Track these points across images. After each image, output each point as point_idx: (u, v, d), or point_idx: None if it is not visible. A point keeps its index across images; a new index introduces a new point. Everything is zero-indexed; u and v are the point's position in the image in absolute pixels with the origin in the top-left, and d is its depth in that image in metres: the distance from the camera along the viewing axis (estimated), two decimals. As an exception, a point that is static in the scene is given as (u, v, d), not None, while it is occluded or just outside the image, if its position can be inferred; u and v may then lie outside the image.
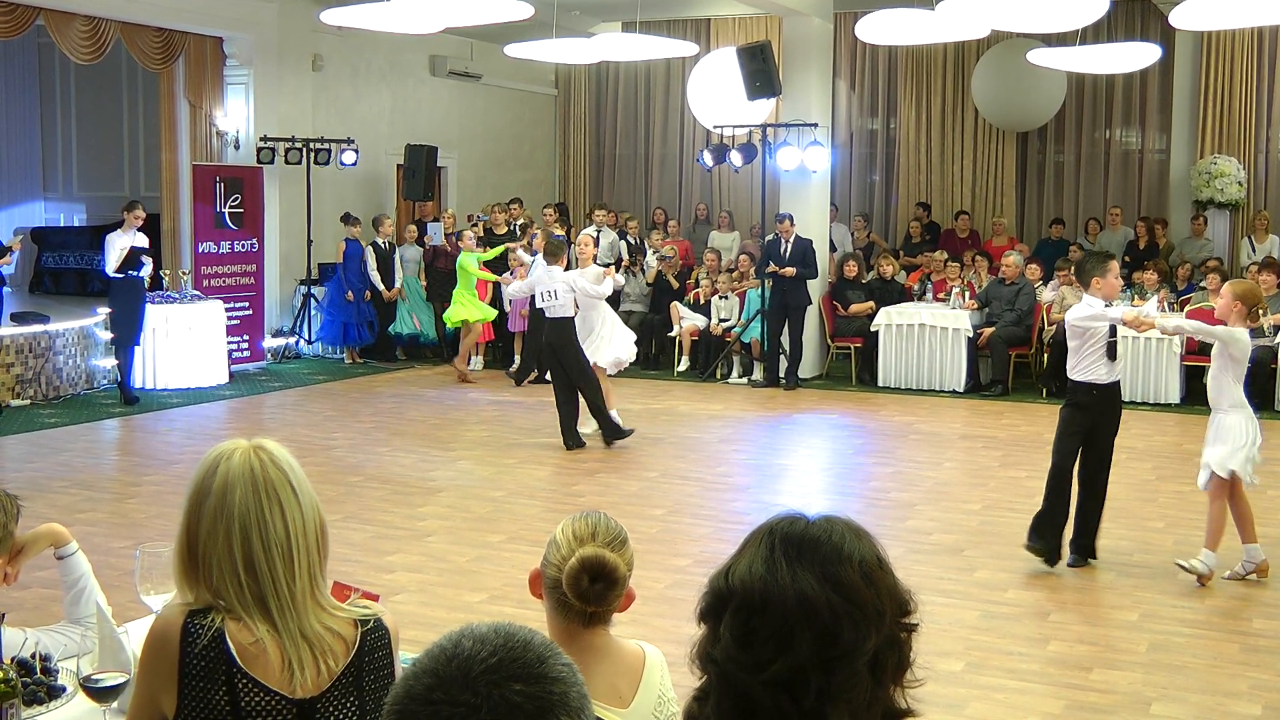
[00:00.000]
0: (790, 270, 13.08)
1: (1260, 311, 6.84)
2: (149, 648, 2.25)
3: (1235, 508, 6.75)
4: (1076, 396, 6.94)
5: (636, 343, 11.12)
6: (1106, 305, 6.92)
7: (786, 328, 13.41)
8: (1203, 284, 13.03)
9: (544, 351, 10.43)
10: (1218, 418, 6.73)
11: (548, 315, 10.16)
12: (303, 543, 2.28)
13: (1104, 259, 7.06)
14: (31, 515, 3.29)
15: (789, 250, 13.22)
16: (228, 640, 2.20)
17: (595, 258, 11.22)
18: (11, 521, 3.00)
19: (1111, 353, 6.89)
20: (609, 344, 10.52)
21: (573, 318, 10.16)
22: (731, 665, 1.57)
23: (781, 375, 13.45)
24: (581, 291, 10.18)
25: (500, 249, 14.21)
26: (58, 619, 3.16)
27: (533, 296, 11.17)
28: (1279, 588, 6.64)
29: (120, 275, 11.82)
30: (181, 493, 2.29)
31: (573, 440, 10.11)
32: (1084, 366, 6.88)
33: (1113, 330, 6.90)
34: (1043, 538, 6.93)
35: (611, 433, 10.18)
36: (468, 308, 13.44)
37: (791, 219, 13.43)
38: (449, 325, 13.91)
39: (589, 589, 2.45)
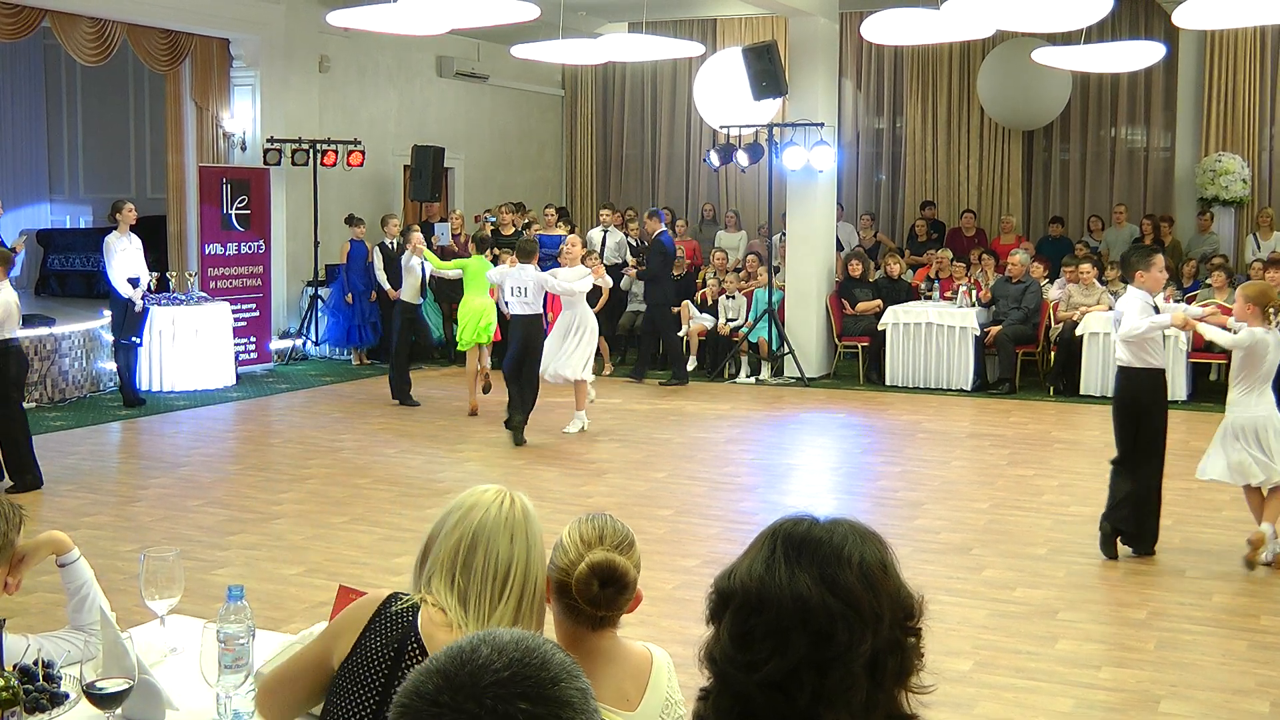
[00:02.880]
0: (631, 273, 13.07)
1: (1274, 310, 6.86)
2: (346, 611, 2.48)
3: (1251, 495, 6.97)
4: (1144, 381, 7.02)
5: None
6: (1150, 300, 7.00)
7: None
8: (1208, 281, 13.01)
9: (509, 346, 10.64)
10: (1261, 418, 6.81)
11: (517, 312, 10.42)
12: (518, 578, 2.46)
13: (1148, 252, 7.14)
14: (37, 519, 3.30)
15: (649, 249, 13.24)
16: (418, 616, 2.41)
17: (585, 260, 11.48)
18: (13, 530, 2.98)
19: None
20: (580, 353, 10.71)
21: (541, 315, 10.50)
22: (729, 665, 1.58)
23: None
24: (560, 290, 10.54)
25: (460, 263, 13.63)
26: (63, 624, 3.16)
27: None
28: (1288, 586, 6.63)
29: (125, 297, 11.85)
30: (189, 495, 2.30)
31: (518, 436, 10.37)
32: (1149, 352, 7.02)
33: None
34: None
35: (519, 434, 10.38)
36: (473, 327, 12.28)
37: (657, 214, 13.43)
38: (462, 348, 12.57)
39: (599, 594, 2.43)
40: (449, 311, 14.45)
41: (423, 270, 12.13)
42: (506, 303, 10.64)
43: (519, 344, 10.42)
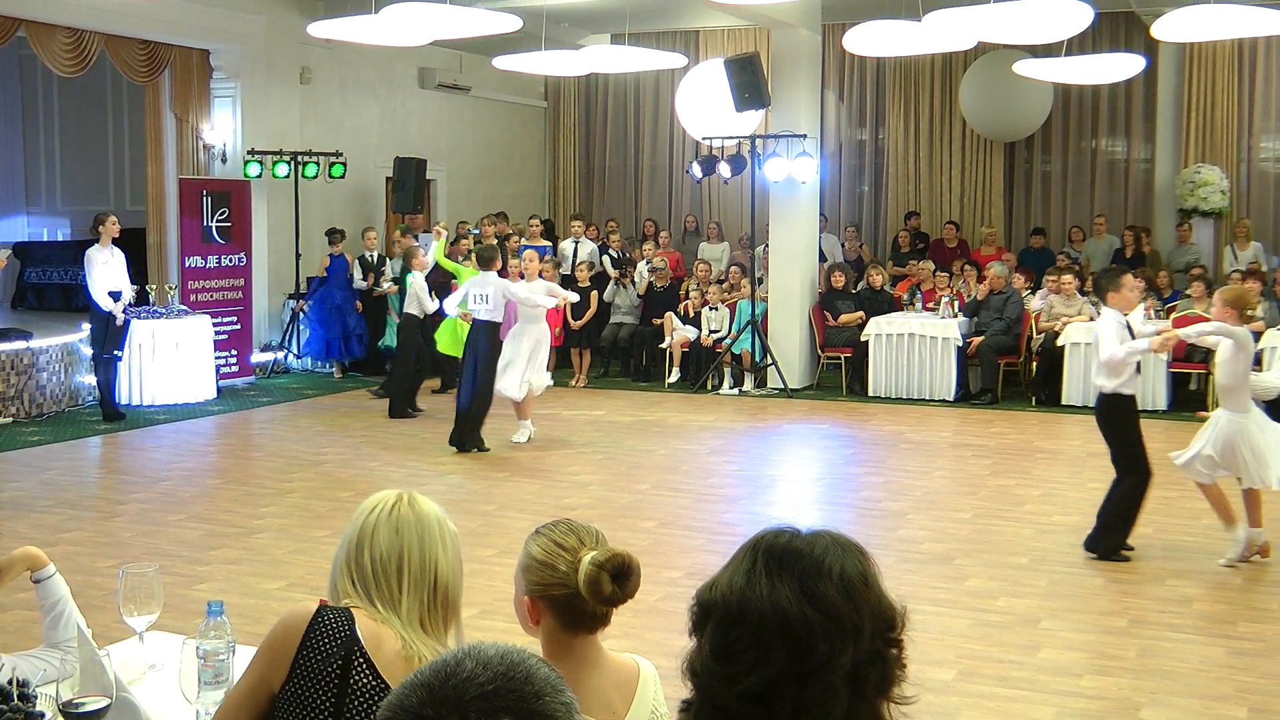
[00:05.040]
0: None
1: (1251, 313, 7.07)
2: (277, 629, 2.42)
3: (1209, 494, 7.18)
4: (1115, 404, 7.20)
5: (627, 354, 11.17)
6: (1124, 320, 7.18)
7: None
8: (1188, 291, 13.08)
9: (465, 353, 10.68)
10: (1243, 423, 6.95)
11: (479, 319, 10.48)
12: (412, 569, 2.48)
13: (1118, 274, 7.44)
14: (14, 536, 3.27)
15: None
16: (357, 625, 2.39)
17: (542, 274, 11.67)
18: None
19: (1139, 369, 7.28)
20: (539, 368, 10.81)
21: (499, 324, 10.58)
22: (710, 677, 1.58)
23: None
24: (523, 301, 10.67)
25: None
26: (38, 642, 3.12)
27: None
28: (1266, 592, 6.67)
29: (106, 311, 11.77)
30: (169, 510, 2.30)
31: (472, 441, 10.44)
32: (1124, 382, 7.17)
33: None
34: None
35: (475, 441, 10.45)
36: (450, 336, 12.17)
37: (408, 230, 13.32)
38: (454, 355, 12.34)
39: (614, 590, 2.40)
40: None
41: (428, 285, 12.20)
42: (471, 309, 10.70)
43: (473, 350, 10.48)
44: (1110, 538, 7.23)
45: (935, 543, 7.68)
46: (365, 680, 2.35)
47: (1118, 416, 7.22)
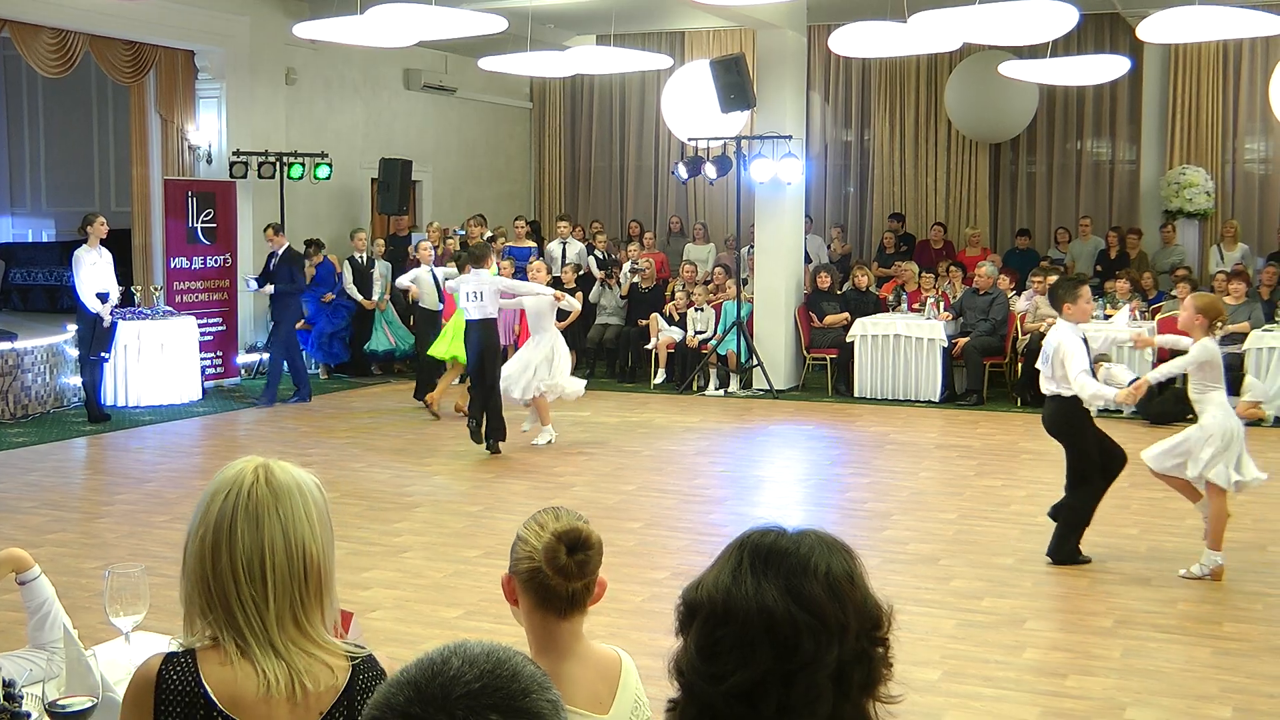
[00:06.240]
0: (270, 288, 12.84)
1: (1220, 324, 7.00)
2: (127, 699, 2.19)
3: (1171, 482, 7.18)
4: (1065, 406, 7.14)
5: (613, 355, 11.19)
6: (1079, 332, 7.10)
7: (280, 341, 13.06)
8: (1173, 293, 13.13)
9: (467, 354, 10.67)
10: (1204, 419, 6.92)
11: (473, 317, 10.43)
12: (279, 567, 2.16)
13: (1074, 285, 7.30)
14: None
15: (277, 263, 12.90)
16: (203, 680, 2.13)
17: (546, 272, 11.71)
18: None
19: (1092, 372, 7.12)
20: (565, 370, 10.81)
21: (495, 320, 10.53)
22: (696, 676, 1.58)
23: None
24: (519, 291, 10.75)
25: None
26: (24, 644, 3.12)
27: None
28: (1249, 592, 6.70)
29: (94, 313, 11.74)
30: (155, 511, 2.28)
31: (496, 435, 10.40)
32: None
33: (1088, 353, 7.12)
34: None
35: (478, 437, 10.40)
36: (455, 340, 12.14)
37: (277, 228, 13.16)
38: (440, 357, 12.42)
39: (569, 562, 2.46)
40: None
41: (433, 276, 12.18)
42: (464, 308, 10.68)
43: (475, 350, 10.43)
44: (1069, 543, 7.20)
45: (921, 543, 7.70)
46: None
47: (1067, 420, 7.15)
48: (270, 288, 13.04)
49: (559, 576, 2.46)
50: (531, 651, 2.51)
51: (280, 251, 13.03)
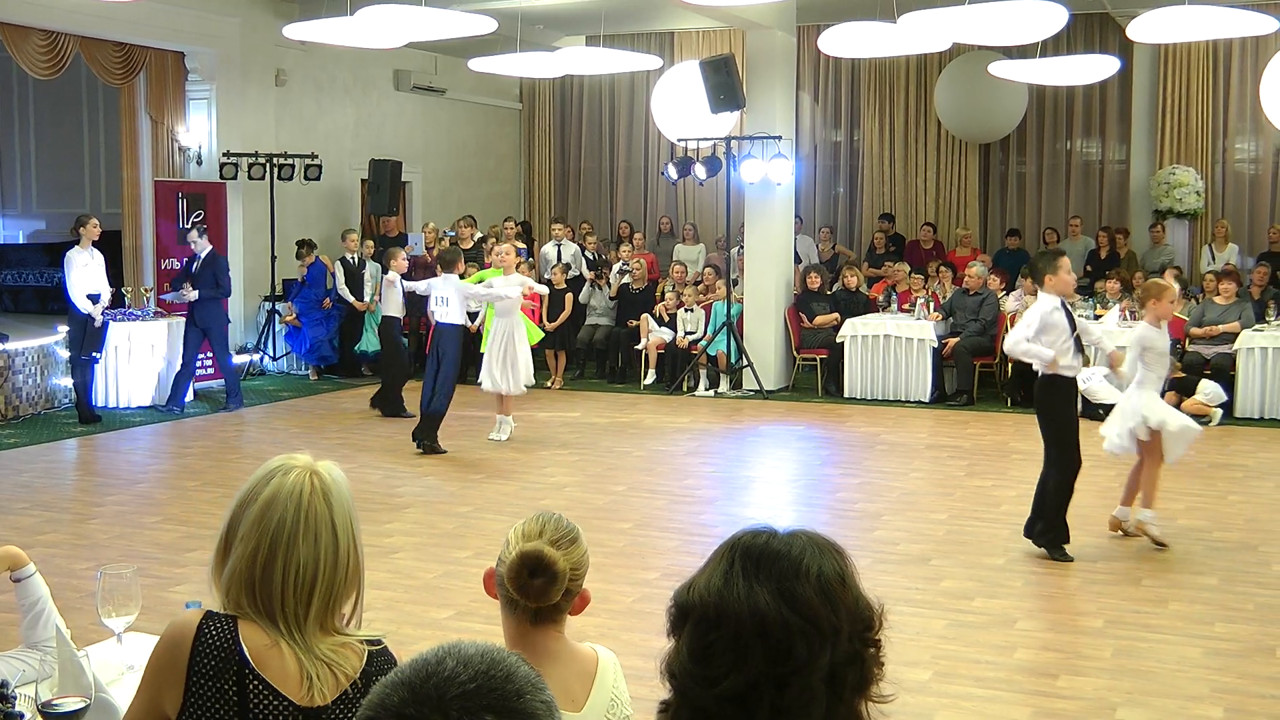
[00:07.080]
0: (194, 294, 12.28)
1: (1154, 303, 7.45)
2: (160, 648, 2.26)
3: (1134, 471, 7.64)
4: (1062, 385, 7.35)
5: (603, 355, 11.18)
6: (1058, 305, 7.29)
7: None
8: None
9: (429, 355, 10.73)
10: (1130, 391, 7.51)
11: (440, 321, 10.50)
12: (326, 576, 2.27)
13: (1054, 256, 7.50)
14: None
15: (199, 266, 12.46)
16: (241, 642, 2.21)
17: (518, 268, 11.55)
18: None
19: (1079, 345, 7.34)
20: (524, 366, 10.82)
21: (462, 325, 10.64)
22: (688, 679, 1.58)
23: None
24: (483, 297, 10.76)
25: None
26: (16, 644, 3.12)
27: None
28: (1241, 593, 6.71)
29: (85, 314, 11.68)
30: (146, 512, 2.28)
31: (428, 442, 10.45)
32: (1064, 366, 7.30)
33: (1073, 326, 7.28)
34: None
35: (430, 442, 10.46)
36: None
37: (201, 230, 12.80)
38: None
39: (529, 583, 2.46)
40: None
41: (400, 286, 12.09)
42: (432, 311, 10.74)
43: (436, 353, 10.51)
44: (1053, 530, 7.30)
45: (911, 544, 7.71)
46: (266, 702, 2.20)
47: (1053, 398, 7.29)
48: (195, 293, 12.29)
49: (520, 594, 2.48)
50: (507, 646, 2.51)
51: (203, 255, 12.45)
